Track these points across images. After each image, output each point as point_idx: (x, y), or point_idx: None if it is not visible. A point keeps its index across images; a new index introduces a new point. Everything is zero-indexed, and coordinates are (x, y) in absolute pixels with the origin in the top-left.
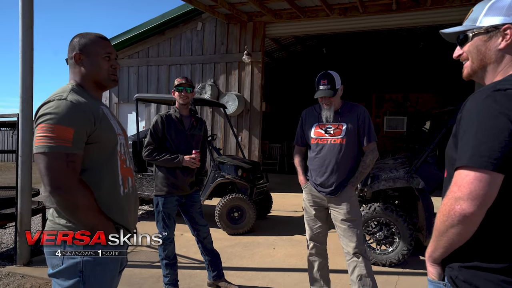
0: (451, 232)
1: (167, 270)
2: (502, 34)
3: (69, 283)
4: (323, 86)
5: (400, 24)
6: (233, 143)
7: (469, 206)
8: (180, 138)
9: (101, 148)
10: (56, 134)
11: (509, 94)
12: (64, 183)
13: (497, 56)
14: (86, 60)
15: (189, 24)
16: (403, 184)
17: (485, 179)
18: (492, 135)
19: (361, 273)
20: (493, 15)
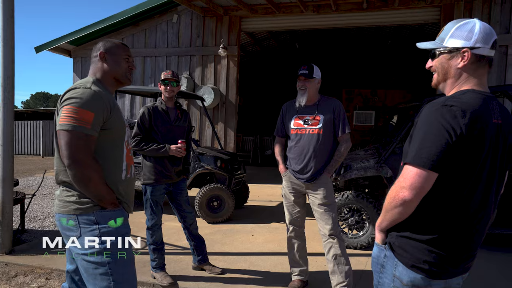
0: (394, 211)
1: (154, 255)
2: (461, 55)
3: (91, 249)
4: (302, 70)
5: (370, 22)
6: (209, 135)
7: (409, 194)
8: (166, 129)
9: (112, 135)
10: (80, 116)
11: (453, 111)
12: (81, 158)
13: (456, 73)
14: (110, 59)
15: (165, 16)
16: (373, 173)
17: (423, 175)
18: (433, 141)
19: (336, 252)
20: (456, 38)
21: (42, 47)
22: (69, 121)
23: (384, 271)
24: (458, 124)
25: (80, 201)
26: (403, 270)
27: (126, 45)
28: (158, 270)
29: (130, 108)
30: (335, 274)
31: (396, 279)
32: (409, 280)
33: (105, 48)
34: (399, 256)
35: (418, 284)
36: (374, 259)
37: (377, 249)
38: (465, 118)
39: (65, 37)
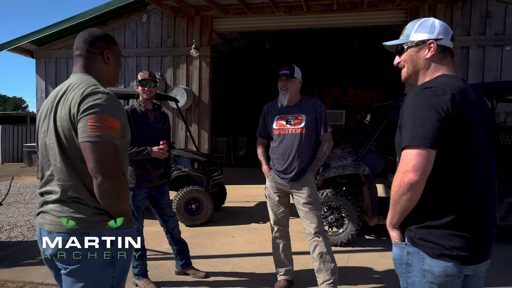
0: (403, 199)
1: (136, 262)
2: (427, 47)
3: (98, 269)
4: (283, 70)
5: (340, 23)
6: (182, 137)
7: (414, 176)
8: (146, 131)
9: (123, 143)
10: (109, 125)
11: (434, 91)
12: (116, 172)
13: (425, 64)
14: (112, 57)
15: (134, 15)
16: (351, 171)
17: (423, 154)
18: (424, 121)
19: (321, 250)
20: (421, 32)
21: (1, 47)
22: (98, 131)
23: (411, 269)
24: (443, 101)
25: (92, 218)
26: (432, 262)
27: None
28: (141, 277)
29: None
30: (321, 272)
31: (426, 273)
32: (441, 271)
33: (108, 46)
34: (424, 248)
35: (451, 272)
36: (397, 260)
37: (397, 248)
38: (446, 95)
39: (27, 36)
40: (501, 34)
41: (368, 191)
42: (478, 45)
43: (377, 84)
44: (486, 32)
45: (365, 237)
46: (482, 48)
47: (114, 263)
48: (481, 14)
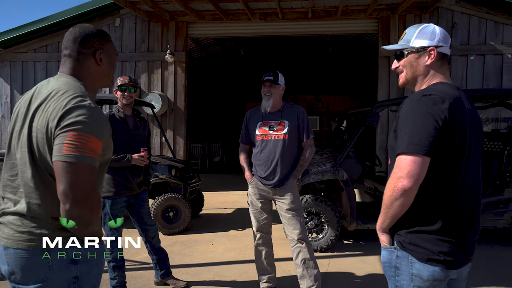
0: (395, 204)
1: (114, 273)
2: (428, 54)
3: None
4: (267, 76)
5: (314, 31)
6: (157, 143)
7: (408, 183)
8: (125, 138)
9: (105, 159)
10: (90, 146)
11: (433, 99)
12: (88, 198)
13: (424, 70)
14: (105, 59)
15: (106, 19)
16: (330, 177)
17: (418, 161)
18: (422, 129)
19: (305, 257)
20: (422, 39)
21: None
22: (77, 151)
23: (399, 272)
24: (441, 110)
25: (55, 234)
26: (420, 266)
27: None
28: None
29: None
30: (304, 278)
31: (415, 277)
32: (429, 275)
33: (101, 45)
34: (413, 252)
35: (438, 277)
36: (386, 264)
37: (386, 252)
38: (444, 103)
39: None
40: (466, 44)
41: (346, 196)
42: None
43: (350, 91)
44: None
45: (344, 242)
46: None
47: (80, 283)
48: (447, 25)
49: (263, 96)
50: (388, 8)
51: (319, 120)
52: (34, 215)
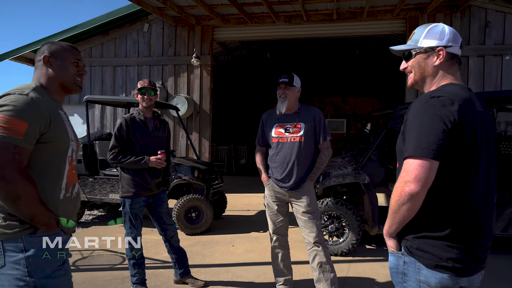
0: (403, 209)
1: (135, 270)
2: (436, 54)
3: (16, 281)
4: (283, 79)
5: (339, 33)
6: (183, 145)
7: (415, 187)
8: (145, 140)
9: (52, 149)
10: (10, 126)
11: (442, 101)
12: (8, 173)
13: (433, 71)
14: (55, 63)
15: (135, 24)
16: (351, 180)
17: (426, 165)
18: (429, 132)
19: (321, 260)
20: (430, 38)
21: (3, 56)
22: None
23: (406, 279)
24: (450, 112)
25: (6, 225)
26: (428, 273)
27: (75, 48)
28: (139, 286)
29: (100, 119)
30: (320, 282)
31: (422, 284)
32: (437, 282)
33: (50, 52)
34: (420, 258)
35: (446, 284)
36: (393, 269)
37: (393, 257)
38: (454, 105)
39: (30, 45)
40: (500, 43)
41: (368, 200)
42: (478, 55)
43: (378, 93)
44: (485, 41)
45: (366, 246)
46: (482, 58)
47: (31, 275)
48: (480, 23)
49: (278, 98)
50: (416, 8)
51: (346, 123)
52: None
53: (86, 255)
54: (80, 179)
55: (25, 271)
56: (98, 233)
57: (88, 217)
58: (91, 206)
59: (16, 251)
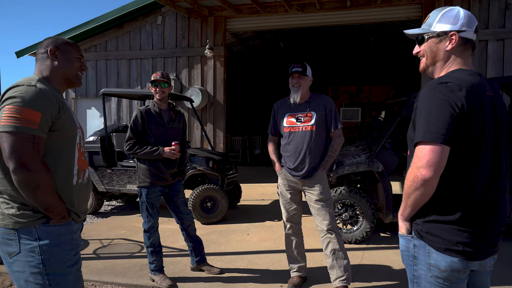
0: (416, 194)
1: (152, 257)
2: (449, 39)
3: (30, 267)
4: (296, 68)
5: (354, 20)
6: (198, 136)
7: (428, 172)
8: (160, 131)
9: (62, 137)
10: (24, 116)
11: (449, 86)
12: (29, 162)
13: (445, 56)
14: (61, 56)
15: (149, 17)
16: (365, 168)
17: (437, 150)
18: (438, 117)
19: (334, 247)
20: (444, 23)
21: (23, 52)
22: (12, 122)
23: (417, 262)
24: (457, 97)
25: (20, 214)
26: (438, 256)
27: (77, 45)
28: (157, 273)
29: (117, 112)
30: (334, 269)
31: (432, 267)
32: (447, 265)
33: (56, 45)
34: (430, 242)
35: (456, 267)
36: (404, 252)
37: (404, 240)
38: (462, 91)
39: None
40: None
41: (382, 188)
42: (498, 39)
43: (393, 81)
44: (505, 24)
45: (380, 234)
46: (502, 41)
47: (45, 263)
48: (500, 6)
49: (291, 87)
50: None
51: (361, 112)
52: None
53: (106, 243)
54: (98, 171)
55: (39, 258)
56: (115, 224)
57: (107, 207)
58: (109, 196)
59: (31, 239)
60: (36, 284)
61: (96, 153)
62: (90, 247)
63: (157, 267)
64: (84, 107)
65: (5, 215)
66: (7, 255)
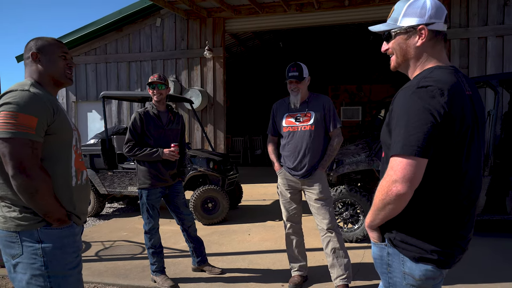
0: (388, 208)
1: (154, 259)
2: (418, 33)
3: (32, 270)
4: (292, 73)
5: (352, 19)
6: (199, 137)
7: (403, 188)
8: (158, 133)
9: (58, 140)
10: (20, 122)
11: (430, 91)
12: (27, 167)
13: (416, 52)
14: (43, 58)
15: (148, 20)
16: (365, 167)
17: (415, 164)
18: (418, 127)
19: (334, 246)
20: (410, 16)
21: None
22: (8, 128)
23: (391, 270)
24: (439, 104)
25: (22, 217)
26: (412, 265)
27: (60, 41)
28: (158, 274)
29: (117, 114)
30: (334, 267)
31: (407, 275)
32: (421, 274)
33: (37, 47)
34: (404, 250)
35: (431, 276)
36: (377, 260)
37: (377, 248)
38: (443, 96)
39: None
40: None
41: None
42: (497, 35)
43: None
44: (504, 21)
45: None
46: (501, 38)
47: (47, 265)
48: (499, 2)
49: (290, 91)
50: None
51: (361, 110)
52: (0, 198)
53: (108, 245)
54: (99, 173)
55: (42, 261)
56: (117, 226)
57: (109, 209)
58: (111, 199)
59: (32, 241)
60: (38, 286)
61: (97, 155)
62: (92, 249)
63: (158, 268)
64: (85, 110)
65: (7, 218)
66: (10, 257)
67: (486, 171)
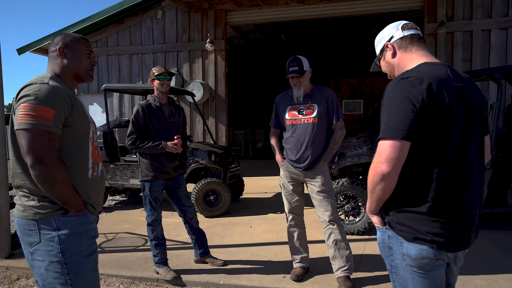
0: (377, 189)
1: (156, 250)
2: (387, 49)
3: (50, 256)
4: (292, 68)
5: (355, 11)
6: (200, 130)
7: (387, 167)
8: (161, 125)
9: (75, 132)
10: (39, 113)
11: (410, 81)
12: (45, 157)
13: (394, 62)
14: (69, 54)
15: (149, 12)
16: (367, 160)
17: (396, 145)
18: (398, 113)
19: (336, 238)
20: (379, 44)
21: (24, 49)
22: (28, 119)
23: (392, 252)
24: (418, 91)
25: (40, 205)
26: (409, 245)
27: (87, 39)
28: (161, 265)
29: (119, 107)
30: (336, 259)
31: (405, 256)
32: (417, 254)
33: (65, 43)
34: (400, 232)
35: (426, 255)
36: (381, 244)
37: (380, 232)
38: (422, 84)
39: (48, 37)
40: None
41: None
42: (500, 28)
43: None
44: (508, 13)
45: None
46: (505, 30)
47: (63, 252)
48: None
49: (293, 86)
50: None
51: (363, 104)
52: (19, 188)
53: (111, 237)
54: None
55: (58, 248)
56: (120, 218)
57: (111, 202)
58: (113, 191)
59: (50, 229)
60: (56, 272)
61: (99, 148)
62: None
63: (161, 259)
64: (86, 103)
65: (26, 207)
66: (28, 245)
67: (488, 164)
